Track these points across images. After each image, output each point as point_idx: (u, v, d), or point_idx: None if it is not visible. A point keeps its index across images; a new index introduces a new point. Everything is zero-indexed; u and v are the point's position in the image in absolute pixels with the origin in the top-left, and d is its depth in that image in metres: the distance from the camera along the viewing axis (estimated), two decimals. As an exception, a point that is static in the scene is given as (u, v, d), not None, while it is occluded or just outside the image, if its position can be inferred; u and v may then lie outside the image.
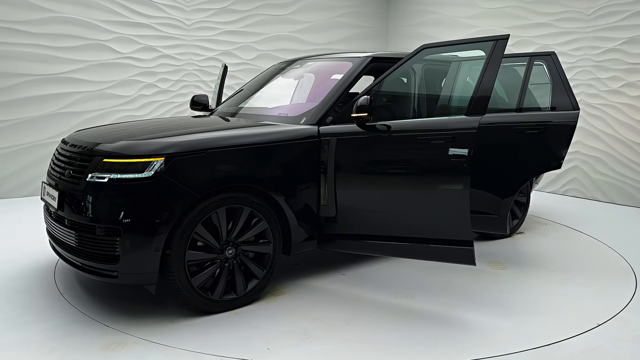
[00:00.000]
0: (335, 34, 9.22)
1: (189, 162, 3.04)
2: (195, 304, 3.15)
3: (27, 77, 6.60)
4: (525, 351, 2.85)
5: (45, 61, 6.70)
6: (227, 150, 3.19)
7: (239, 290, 3.29)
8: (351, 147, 3.47)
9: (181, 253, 3.03)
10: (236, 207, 3.22)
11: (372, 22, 9.70)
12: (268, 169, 3.36)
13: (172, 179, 2.98)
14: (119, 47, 7.24)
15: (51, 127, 6.82)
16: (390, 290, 3.69)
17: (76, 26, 6.89)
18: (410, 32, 9.49)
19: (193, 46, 7.87)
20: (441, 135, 3.19)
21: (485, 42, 3.24)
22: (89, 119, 7.07)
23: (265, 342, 2.90)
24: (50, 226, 3.50)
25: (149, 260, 2.96)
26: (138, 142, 3.12)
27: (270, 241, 3.38)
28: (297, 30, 8.82)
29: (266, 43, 8.49)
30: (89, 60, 7.03)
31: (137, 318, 3.16)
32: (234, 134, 3.35)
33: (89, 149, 3.20)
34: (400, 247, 3.42)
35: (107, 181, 2.97)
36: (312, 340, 2.94)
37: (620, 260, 4.48)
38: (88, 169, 3.08)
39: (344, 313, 3.30)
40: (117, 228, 2.92)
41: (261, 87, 4.60)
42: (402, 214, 3.37)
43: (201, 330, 3.04)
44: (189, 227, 3.04)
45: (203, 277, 3.14)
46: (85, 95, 7.04)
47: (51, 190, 3.36)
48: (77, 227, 3.09)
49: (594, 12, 6.94)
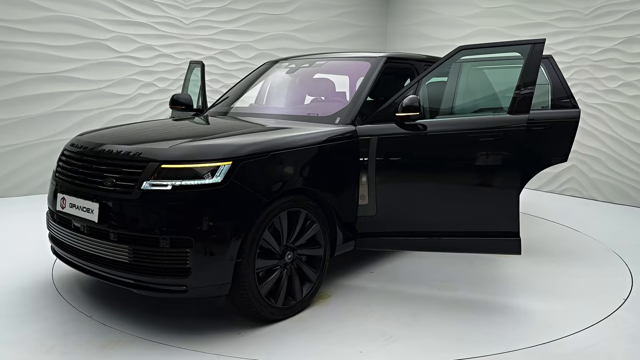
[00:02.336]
0: (334, 33, 9.22)
1: (256, 165, 2.92)
2: (263, 313, 3.02)
3: (25, 75, 6.59)
4: (518, 350, 2.86)
5: (43, 60, 6.70)
6: (289, 151, 3.12)
7: (297, 295, 3.20)
8: (393, 146, 3.49)
9: (252, 261, 2.89)
10: (294, 210, 3.13)
11: (371, 22, 9.70)
12: (320, 170, 3.32)
13: (242, 184, 2.84)
14: (118, 46, 7.24)
15: (50, 126, 6.82)
16: (427, 284, 3.82)
17: (75, 25, 6.89)
18: (409, 31, 9.49)
19: (192, 45, 7.87)
20: (491, 132, 3.34)
21: (523, 45, 3.41)
22: (88, 117, 7.07)
23: (349, 346, 2.87)
24: (74, 241, 3.12)
25: (223, 271, 2.79)
26: (201, 146, 2.93)
27: (322, 243, 3.32)
28: (296, 29, 8.82)
29: (265, 42, 8.49)
30: (88, 59, 7.03)
31: (135, 317, 3.17)
32: (293, 135, 3.25)
33: (137, 154, 2.90)
34: (446, 242, 3.51)
35: (171, 189, 2.75)
36: (395, 339, 2.97)
37: (617, 259, 4.49)
38: (142, 176, 2.80)
39: (403, 309, 3.36)
40: (188, 239, 2.72)
41: (269, 86, 4.57)
42: (449, 210, 3.46)
43: (273, 339, 2.93)
44: (257, 233, 2.91)
45: (269, 284, 3.03)
46: (83, 94, 7.04)
47: (81, 201, 3.01)
48: (131, 240, 2.81)
49: (592, 11, 6.95)
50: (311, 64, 4.50)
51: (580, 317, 3.29)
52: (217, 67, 8.09)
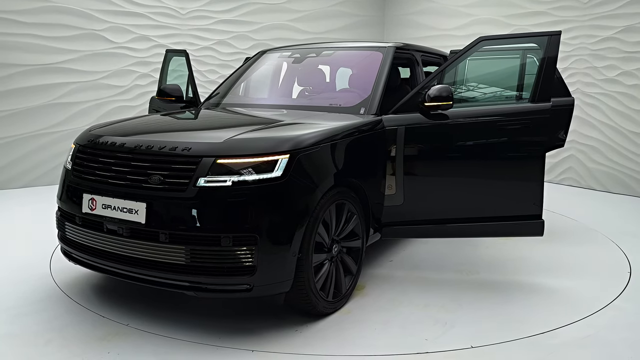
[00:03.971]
0: (332, 23, 9.16)
1: (311, 157, 2.86)
2: (318, 307, 2.98)
3: (21, 67, 6.54)
4: (514, 340, 2.87)
5: (39, 51, 6.65)
6: (338, 143, 3.09)
7: (343, 287, 3.18)
8: (421, 136, 3.53)
9: (310, 255, 2.85)
10: (340, 202, 3.08)
11: (369, 11, 9.64)
12: (360, 162, 3.31)
13: (300, 177, 2.78)
14: (114, 37, 7.18)
15: (46, 118, 6.78)
16: (450, 270, 3.94)
17: (70, 15, 6.82)
18: (407, 20, 9.44)
19: (188, 35, 7.81)
20: (518, 120, 3.49)
21: (540, 37, 3.56)
22: (84, 109, 7.03)
23: (412, 335, 2.91)
24: (108, 245, 2.88)
25: (286, 267, 2.73)
26: (259, 139, 2.84)
27: (360, 235, 3.29)
28: (293, 19, 8.76)
29: (262, 32, 8.44)
30: (84, 50, 6.97)
31: (134, 309, 3.16)
32: (338, 126, 3.19)
33: (187, 148, 2.75)
34: (472, 228, 3.60)
35: (231, 185, 2.65)
36: (451, 326, 3.04)
37: (615, 248, 4.50)
38: (197, 172, 2.67)
39: (441, 296, 3.45)
40: (253, 236, 2.64)
41: (275, 78, 4.47)
42: (476, 196, 3.56)
43: (334, 334, 2.91)
44: (315, 227, 2.85)
45: (322, 278, 2.98)
46: (80, 86, 7.00)
47: (120, 202, 2.80)
48: (187, 240, 2.67)
49: (591, 0, 6.91)
50: (318, 54, 4.41)
51: (577, 307, 3.29)
52: (214, 58, 8.04)
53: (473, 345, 2.80)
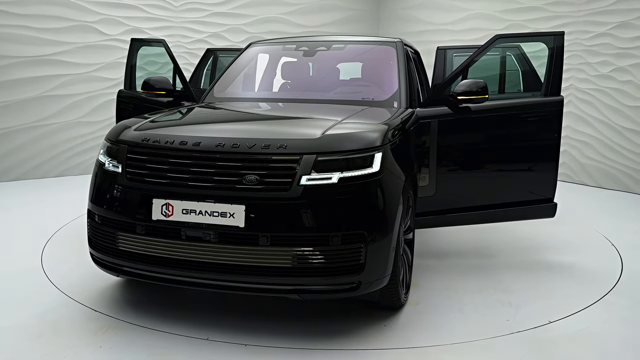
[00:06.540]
0: (326, 17, 9.12)
1: (394, 150, 2.89)
2: (401, 299, 3.04)
3: (12, 58, 6.48)
4: (506, 335, 2.88)
5: (31, 43, 6.58)
6: (407, 135, 3.19)
7: (407, 278, 3.22)
8: (453, 128, 3.69)
9: (400, 248, 2.89)
10: (407, 195, 3.07)
11: (364, 5, 9.61)
12: (412, 153, 3.38)
13: (391, 170, 2.79)
14: (106, 29, 7.12)
15: (38, 110, 6.72)
16: (472, 255, 4.18)
17: (62, 7, 6.76)
18: (401, 15, 9.42)
19: (181, 28, 7.76)
20: (538, 112, 3.79)
21: (547, 37, 3.91)
22: (76, 101, 6.98)
23: (492, 318, 3.05)
24: (189, 254, 2.65)
25: (387, 262, 2.73)
26: (355, 134, 2.79)
27: (412, 226, 3.34)
28: (288, 12, 8.71)
29: (256, 25, 8.39)
30: (76, 42, 6.91)
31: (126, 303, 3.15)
32: (402, 119, 3.23)
33: (282, 146, 2.63)
34: (495, 214, 3.83)
35: (337, 182, 2.59)
36: (517, 307, 3.20)
37: (607, 243, 4.53)
38: (299, 170, 2.57)
39: (479, 279, 3.64)
40: (362, 233, 2.60)
41: (289, 71, 4.40)
42: (501, 184, 3.80)
43: (420, 326, 2.94)
44: (404, 220, 2.92)
45: (401, 270, 3.00)
46: (72, 78, 6.94)
47: (209, 205, 2.59)
48: (292, 242, 2.57)
49: (585, -5, 6.93)
50: (328, 47, 4.34)
51: (568, 301, 3.31)
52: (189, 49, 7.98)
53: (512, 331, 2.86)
